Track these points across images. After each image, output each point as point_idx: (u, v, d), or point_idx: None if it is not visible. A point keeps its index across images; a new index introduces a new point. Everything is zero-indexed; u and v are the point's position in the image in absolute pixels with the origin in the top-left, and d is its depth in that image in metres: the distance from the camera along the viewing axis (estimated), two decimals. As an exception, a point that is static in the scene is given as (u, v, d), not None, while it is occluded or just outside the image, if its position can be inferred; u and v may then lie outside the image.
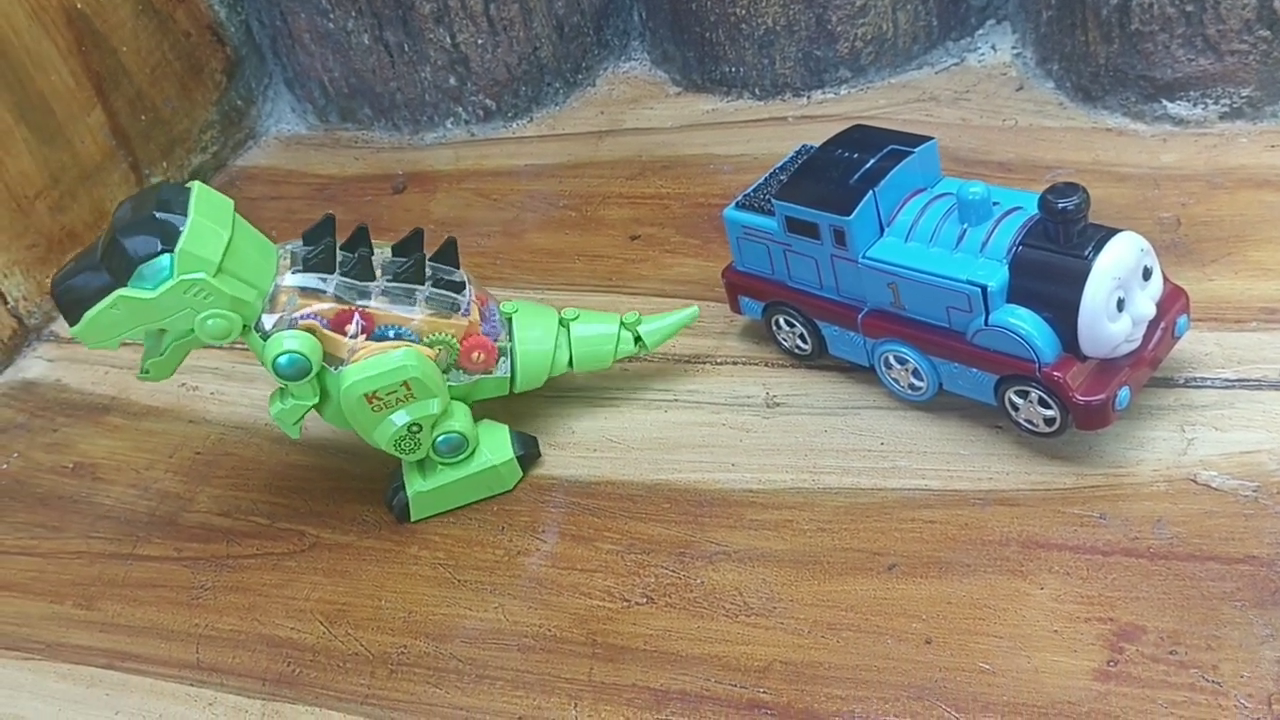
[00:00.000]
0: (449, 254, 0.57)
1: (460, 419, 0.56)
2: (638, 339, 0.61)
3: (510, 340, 0.58)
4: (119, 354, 0.68)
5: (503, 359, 0.58)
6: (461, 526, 0.58)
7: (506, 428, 0.59)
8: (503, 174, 0.86)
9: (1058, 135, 0.74)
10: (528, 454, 0.59)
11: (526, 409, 0.63)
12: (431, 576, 0.56)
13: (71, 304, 0.51)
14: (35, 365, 0.77)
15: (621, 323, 0.61)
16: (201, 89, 0.91)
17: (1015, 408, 0.53)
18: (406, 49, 0.88)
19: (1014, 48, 0.82)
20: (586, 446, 0.61)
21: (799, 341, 0.61)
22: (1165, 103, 0.71)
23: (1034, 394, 0.51)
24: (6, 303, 0.77)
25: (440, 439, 0.56)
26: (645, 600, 0.52)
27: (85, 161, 0.82)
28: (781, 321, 0.61)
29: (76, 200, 0.81)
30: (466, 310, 0.56)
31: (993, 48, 0.83)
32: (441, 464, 0.57)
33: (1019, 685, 0.45)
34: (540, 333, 0.59)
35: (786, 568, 0.52)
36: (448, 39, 0.87)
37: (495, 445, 0.58)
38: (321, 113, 0.95)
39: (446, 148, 0.90)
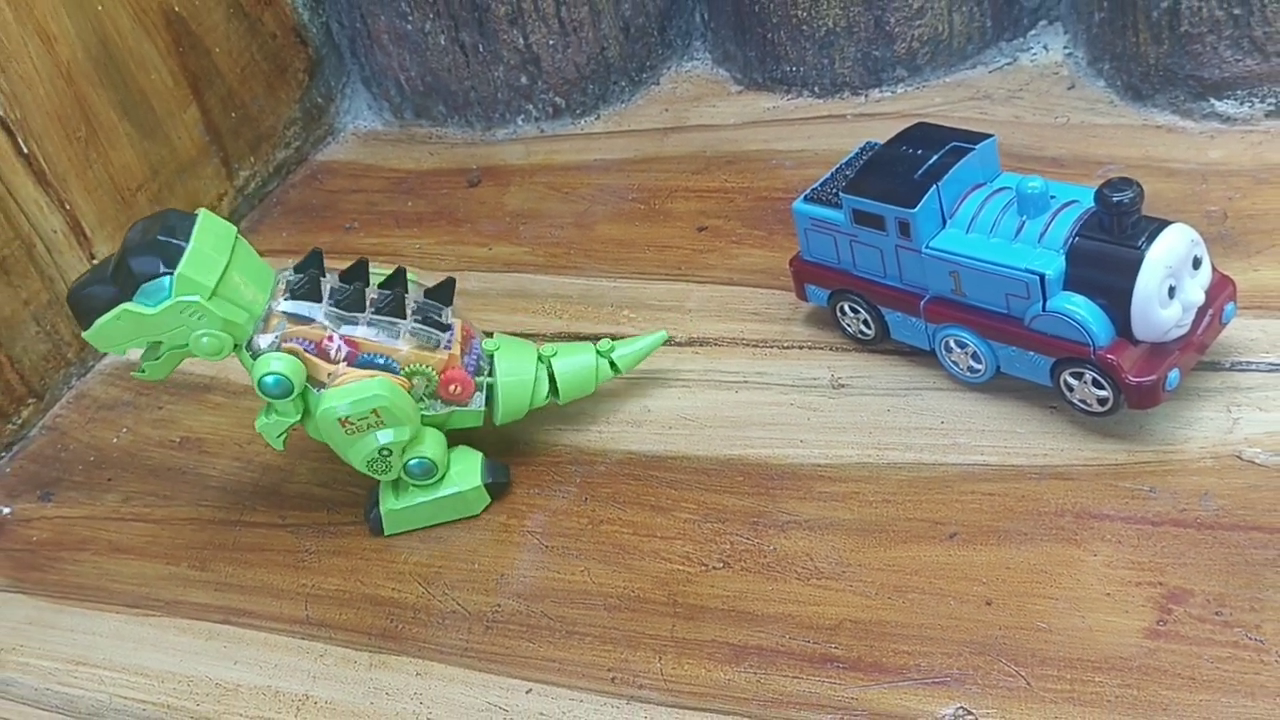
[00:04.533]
0: (444, 292, 0.61)
1: (431, 446, 0.60)
2: (613, 364, 0.65)
3: (491, 376, 0.62)
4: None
5: (478, 393, 0.61)
6: (546, 497, 0.63)
7: (480, 455, 0.62)
8: (573, 168, 0.90)
9: (1109, 132, 0.77)
10: (496, 482, 0.62)
11: (604, 391, 0.66)
12: (521, 543, 0.60)
13: (84, 311, 0.56)
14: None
15: (597, 351, 0.64)
16: (285, 87, 0.96)
17: (1070, 388, 0.56)
18: (481, 49, 0.92)
19: (1066, 48, 0.85)
20: (662, 424, 0.65)
21: (863, 327, 0.65)
22: (1213, 101, 0.74)
23: (1088, 375, 0.55)
24: (111, 288, 0.82)
25: (412, 463, 0.60)
26: (722, 565, 0.56)
27: (182, 156, 0.87)
28: (846, 308, 0.65)
29: (174, 193, 0.86)
30: (448, 345, 0.59)
31: (1045, 48, 0.86)
32: (413, 486, 0.61)
33: (1074, 642, 0.49)
34: (520, 369, 0.62)
35: (854, 535, 0.56)
36: (521, 40, 0.91)
37: (464, 472, 0.62)
38: (397, 110, 1.00)
39: (518, 143, 0.95)
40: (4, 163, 0.75)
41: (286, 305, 0.57)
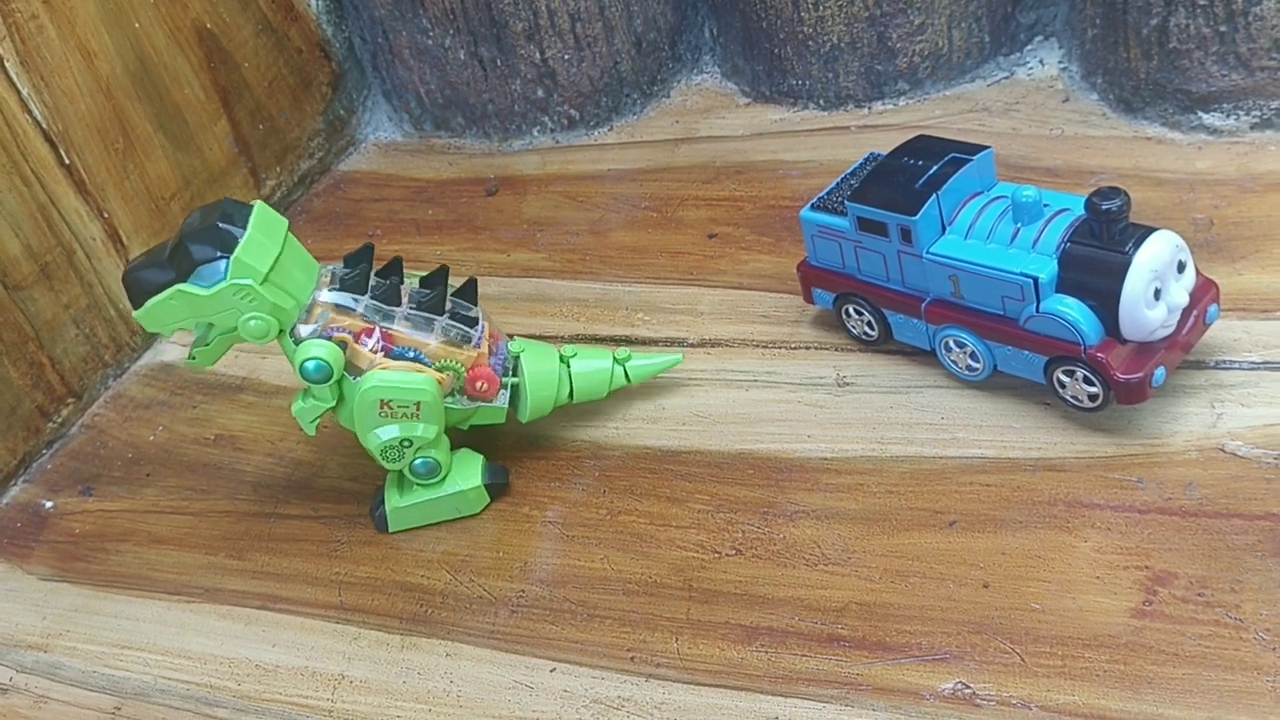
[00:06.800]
0: (469, 292, 0.65)
1: (439, 448, 0.63)
2: (626, 374, 0.68)
3: (516, 375, 0.65)
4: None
5: (503, 391, 0.64)
6: (567, 489, 0.66)
7: (481, 458, 0.66)
8: (587, 178, 0.93)
9: (1101, 143, 0.80)
10: (495, 483, 0.66)
11: (621, 390, 0.70)
12: (543, 533, 0.64)
13: (138, 291, 0.59)
14: (171, 349, 0.86)
15: (614, 358, 0.68)
16: (310, 100, 1.00)
17: (1062, 385, 0.59)
18: (499, 63, 0.96)
19: (1061, 62, 0.88)
20: (676, 421, 0.68)
21: (866, 328, 0.68)
22: (1200, 114, 0.78)
23: (1079, 373, 0.58)
24: (145, 293, 0.85)
25: (419, 461, 0.63)
26: (734, 552, 0.60)
27: (212, 166, 0.91)
28: (851, 310, 0.68)
29: (205, 201, 0.89)
30: (477, 344, 0.63)
31: (1041, 62, 0.89)
32: (417, 484, 0.64)
33: (1065, 622, 0.52)
34: (546, 370, 0.66)
35: (859, 524, 0.59)
36: (537, 54, 0.95)
37: (465, 473, 0.65)
38: (417, 121, 1.03)
39: (534, 154, 0.98)
40: (47, 173, 0.79)
41: (331, 296, 0.61)
